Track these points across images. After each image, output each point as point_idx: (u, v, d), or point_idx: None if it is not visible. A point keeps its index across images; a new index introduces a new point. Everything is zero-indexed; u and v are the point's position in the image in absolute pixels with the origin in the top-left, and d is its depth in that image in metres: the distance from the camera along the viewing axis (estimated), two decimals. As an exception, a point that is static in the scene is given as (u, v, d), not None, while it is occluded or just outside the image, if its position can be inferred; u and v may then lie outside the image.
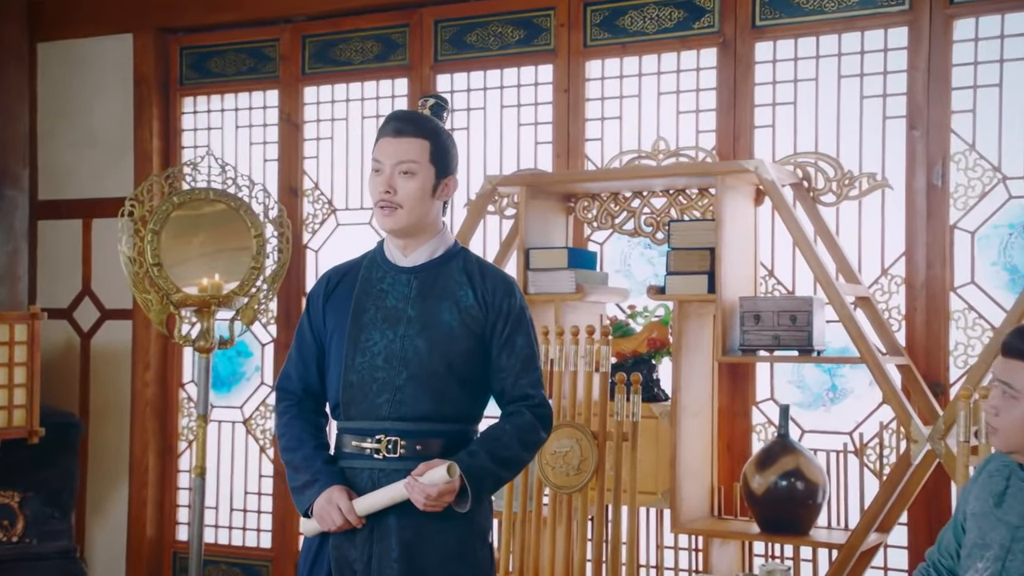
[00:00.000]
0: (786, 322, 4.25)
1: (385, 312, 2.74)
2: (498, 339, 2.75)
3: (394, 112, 2.80)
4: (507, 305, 2.76)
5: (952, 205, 4.39)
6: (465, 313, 2.74)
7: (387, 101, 5.49)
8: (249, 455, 5.81)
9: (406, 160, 2.70)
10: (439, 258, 2.78)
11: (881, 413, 4.48)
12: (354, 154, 5.56)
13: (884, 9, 4.50)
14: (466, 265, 2.79)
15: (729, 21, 4.77)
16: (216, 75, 5.87)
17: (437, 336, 2.71)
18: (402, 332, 2.72)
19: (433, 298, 2.74)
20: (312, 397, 2.86)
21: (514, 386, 2.76)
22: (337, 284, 2.83)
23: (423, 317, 2.72)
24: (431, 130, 2.74)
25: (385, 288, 2.76)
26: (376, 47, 5.51)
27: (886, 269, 4.50)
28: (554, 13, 5.11)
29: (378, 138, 2.76)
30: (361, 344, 2.73)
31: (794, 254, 4.64)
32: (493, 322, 2.75)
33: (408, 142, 2.71)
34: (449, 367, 2.72)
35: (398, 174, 2.71)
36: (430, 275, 2.76)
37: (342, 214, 5.59)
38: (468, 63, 5.29)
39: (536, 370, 2.78)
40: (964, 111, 4.38)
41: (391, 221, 2.73)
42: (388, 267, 2.79)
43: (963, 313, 4.37)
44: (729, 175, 4.34)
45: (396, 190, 2.70)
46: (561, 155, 5.07)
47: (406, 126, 2.72)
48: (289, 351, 2.91)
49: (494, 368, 2.77)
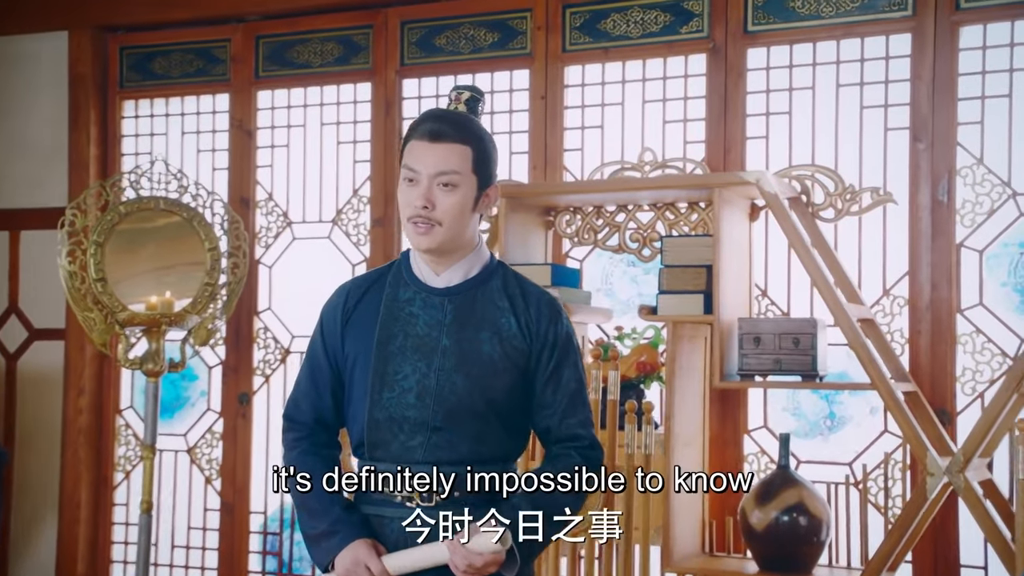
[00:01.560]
0: (788, 345, 3.97)
1: (416, 341, 2.39)
2: (543, 371, 2.42)
3: (430, 111, 2.42)
4: (553, 333, 2.43)
5: (959, 222, 4.15)
6: (507, 343, 2.40)
7: (348, 107, 5.14)
8: (193, 487, 5.38)
9: (447, 171, 2.34)
10: (476, 278, 2.44)
11: (883, 442, 4.22)
12: (312, 163, 5.19)
13: (886, 15, 4.26)
14: (506, 285, 2.44)
15: (719, 26, 4.50)
16: (160, 77, 5.46)
17: (477, 371, 2.37)
18: (437, 365, 2.37)
19: (471, 326, 2.40)
20: (325, 429, 2.50)
21: (561, 425, 2.43)
22: (357, 302, 2.45)
23: (461, 349, 2.38)
24: (474, 134, 2.39)
25: (415, 312, 2.41)
26: (337, 49, 5.15)
27: (888, 289, 4.24)
28: (531, 15, 4.80)
29: (409, 140, 2.39)
30: (389, 378, 2.38)
31: (789, 273, 4.37)
32: (538, 352, 2.42)
33: (448, 149, 2.35)
34: (490, 405, 2.38)
35: (437, 186, 2.34)
36: (467, 298, 2.42)
37: (298, 227, 5.21)
38: (437, 67, 4.96)
39: (585, 407, 2.45)
40: (971, 123, 4.15)
41: (427, 240, 2.36)
42: (418, 287, 2.43)
43: (971, 337, 4.13)
44: (727, 187, 4.05)
45: (435, 204, 2.34)
46: (538, 166, 4.75)
47: (446, 129, 2.35)
48: (298, 376, 2.54)
49: (538, 403, 2.44)
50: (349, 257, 5.09)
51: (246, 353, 5.23)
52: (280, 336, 5.21)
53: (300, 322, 5.17)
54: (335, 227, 5.13)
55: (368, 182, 5.06)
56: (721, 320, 4.01)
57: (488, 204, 2.44)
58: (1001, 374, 4.07)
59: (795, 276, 4.35)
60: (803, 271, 4.30)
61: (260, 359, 5.23)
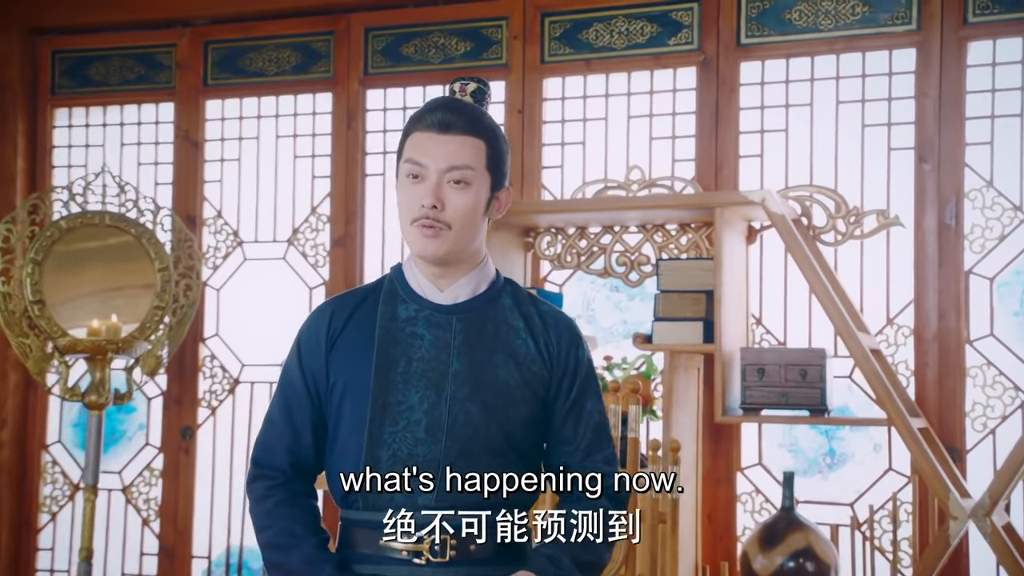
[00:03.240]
0: (795, 377, 3.70)
1: (423, 365, 2.04)
2: (563, 402, 2.09)
3: (437, 100, 2.08)
4: (574, 358, 2.10)
5: (967, 248, 3.93)
6: (525, 368, 2.06)
7: (306, 118, 4.77)
8: (129, 529, 4.93)
9: (460, 165, 2.02)
10: (484, 294, 2.10)
11: (888, 481, 3.97)
12: (266, 178, 4.82)
13: (888, 28, 4.03)
14: (518, 304, 2.11)
15: (710, 37, 4.24)
16: (97, 84, 5.04)
17: (494, 399, 2.03)
18: (449, 393, 2.03)
19: (483, 348, 2.06)
20: (303, 475, 2.12)
21: (584, 463, 2.09)
22: (345, 323, 2.10)
23: (474, 374, 2.04)
24: (488, 127, 2.06)
25: (419, 332, 2.06)
26: (294, 57, 4.79)
27: (892, 318, 4.00)
28: (507, 24, 4.50)
29: (411, 132, 2.06)
30: (392, 409, 2.02)
31: (786, 300, 4.11)
32: (558, 380, 2.09)
33: (460, 141, 2.02)
34: (508, 439, 2.04)
35: (448, 184, 2.02)
36: (476, 316, 2.08)
37: (250, 247, 4.82)
38: (405, 77, 4.63)
39: (610, 442, 2.12)
40: (980, 143, 3.94)
41: (435, 245, 2.03)
42: (420, 303, 2.09)
43: (981, 369, 3.90)
44: (727, 208, 3.78)
45: (444, 205, 2.02)
46: (514, 184, 4.43)
47: (457, 119, 2.02)
48: (269, 413, 2.15)
49: (556, 438, 2.10)
50: (306, 280, 4.72)
51: (190, 383, 4.82)
52: (228, 365, 4.81)
53: (251, 350, 4.78)
54: (291, 247, 4.75)
55: (328, 199, 4.70)
56: (722, 350, 3.72)
57: (499, 210, 2.12)
58: (1014, 409, 3.85)
59: (793, 305, 4.09)
60: (800, 298, 4.08)
61: (206, 390, 4.83)
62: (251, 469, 2.12)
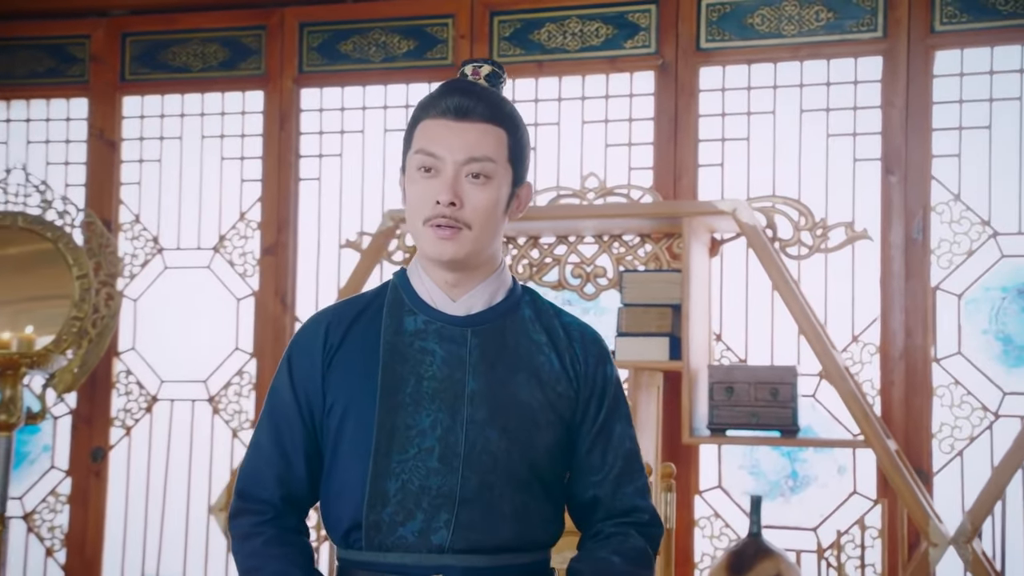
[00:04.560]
0: (765, 396, 3.53)
1: (435, 385, 1.78)
2: (589, 426, 1.85)
3: (451, 83, 1.82)
4: (602, 377, 1.86)
5: (935, 263, 3.80)
6: (549, 389, 1.82)
7: (235, 118, 4.47)
8: (30, 560, 4.54)
9: (480, 157, 1.77)
10: (501, 304, 1.85)
11: (853, 505, 3.81)
12: (190, 181, 4.49)
13: (854, 35, 3.90)
14: (540, 315, 1.87)
15: (669, 41, 4.06)
16: (2, 76, 4.66)
17: (516, 423, 1.78)
18: (465, 416, 1.77)
19: (503, 365, 1.80)
20: (294, 509, 1.85)
21: (615, 496, 1.85)
22: (343, 337, 1.83)
23: (492, 394, 1.78)
24: (509, 114, 1.82)
25: (430, 347, 1.80)
26: (222, 52, 4.48)
27: (857, 335, 3.85)
28: (453, 22, 4.26)
29: (421, 118, 1.80)
30: (400, 434, 1.76)
31: (747, 316, 3.94)
32: (585, 401, 1.85)
33: (480, 130, 1.77)
34: (532, 469, 1.79)
35: (467, 177, 1.77)
36: (494, 330, 1.82)
37: (171, 255, 4.49)
38: (343, 76, 4.35)
39: (641, 472, 1.88)
40: (948, 155, 3.82)
41: (453, 248, 1.77)
42: (430, 315, 1.82)
43: (948, 388, 3.77)
44: (696, 217, 3.59)
45: (463, 201, 1.77)
46: (460, 191, 4.18)
47: (476, 105, 1.77)
48: (255, 438, 1.87)
49: (582, 467, 1.86)
50: (233, 290, 4.40)
51: (103, 401, 4.45)
52: (146, 381, 4.46)
53: (171, 365, 4.45)
54: (217, 255, 4.43)
55: (258, 204, 4.39)
56: (689, 367, 3.53)
57: (519, 208, 1.87)
58: (982, 430, 3.73)
59: (754, 320, 3.92)
60: (762, 314, 3.92)
61: (120, 408, 4.47)
62: (235, 503, 1.84)
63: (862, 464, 3.81)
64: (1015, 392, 3.73)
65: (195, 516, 4.39)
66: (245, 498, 1.83)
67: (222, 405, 4.37)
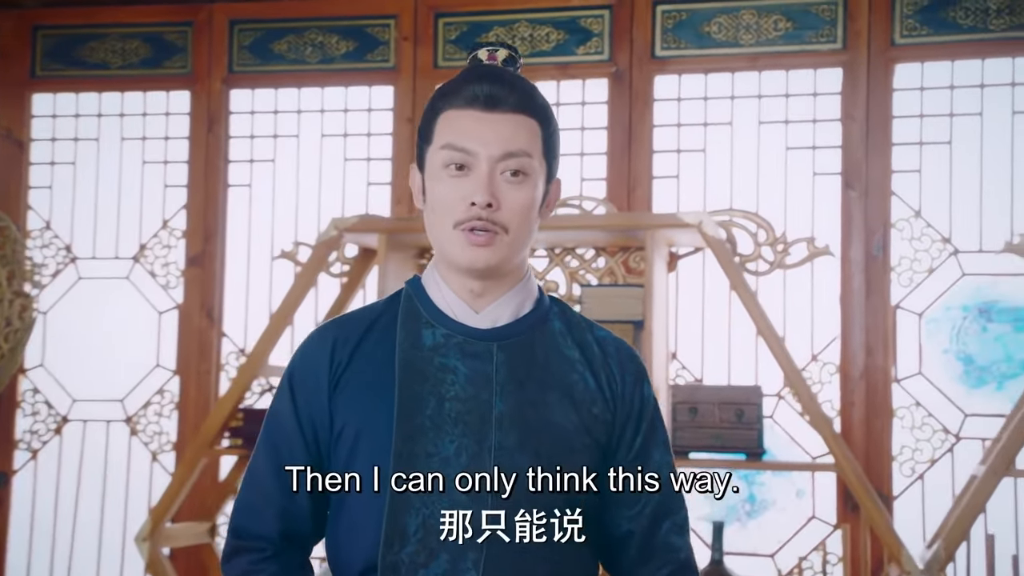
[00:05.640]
0: (730, 418, 3.38)
1: (459, 406, 1.56)
2: (625, 453, 1.65)
3: (478, 69, 1.62)
4: (640, 398, 1.67)
5: (895, 281, 3.71)
6: (584, 410, 1.61)
7: (158, 119, 4.19)
8: (-77, 596, 4.17)
9: (517, 152, 1.57)
10: (529, 316, 1.64)
11: (812, 530, 3.69)
12: (107, 186, 4.19)
13: (813, 46, 3.80)
14: (571, 328, 1.66)
15: (623, 48, 3.91)
16: (-102, 70, 4.31)
17: (549, 449, 1.57)
18: (493, 443, 1.55)
19: (533, 384, 1.60)
20: (297, 546, 1.61)
21: (651, 533, 1.65)
22: (353, 353, 1.61)
23: (523, 417, 1.57)
24: (542, 104, 1.62)
25: (452, 364, 1.58)
26: (144, 49, 4.20)
27: (816, 355, 3.73)
28: (395, 23, 4.05)
29: (443, 108, 1.60)
30: (421, 462, 1.54)
31: (703, 334, 3.80)
32: (622, 424, 1.65)
33: (514, 122, 1.57)
34: (567, 500, 1.59)
35: (503, 175, 1.57)
36: (522, 344, 1.62)
37: (86, 264, 4.18)
38: (276, 77, 4.11)
39: (681, 505, 1.68)
40: (908, 171, 3.74)
41: (487, 255, 1.57)
42: (451, 328, 1.61)
43: (909, 410, 3.67)
44: (659, 230, 3.44)
45: (500, 202, 1.57)
46: (402, 200, 3.98)
47: (508, 94, 1.58)
48: (251, 468, 1.64)
49: (615, 499, 1.64)
50: (155, 303, 4.11)
51: (6, 422, 4.12)
52: (56, 400, 4.14)
53: (84, 383, 4.15)
54: (137, 265, 4.13)
55: (183, 211, 4.11)
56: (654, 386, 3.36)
57: (549, 207, 1.68)
58: (943, 452, 3.64)
59: (711, 338, 3.78)
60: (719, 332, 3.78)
61: (26, 429, 4.14)
62: (230, 541, 1.60)
63: (821, 488, 3.70)
64: (976, 414, 3.65)
65: (109, 547, 4.08)
66: (242, 536, 1.59)
67: (140, 426, 4.07)
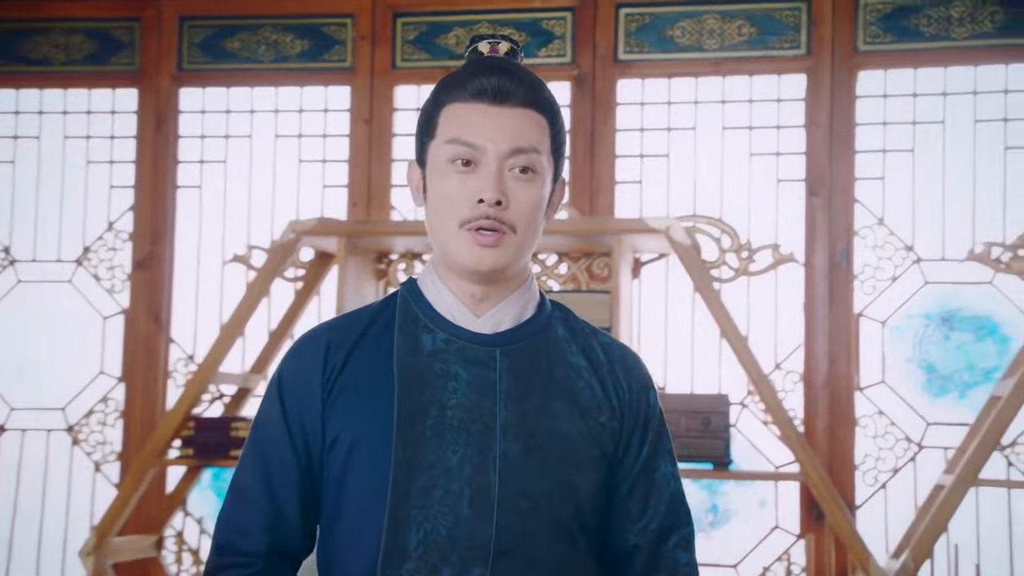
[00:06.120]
0: (697, 426, 3.32)
1: (461, 415, 1.47)
2: (631, 464, 1.57)
3: (483, 60, 1.53)
4: (646, 406, 1.59)
5: (858, 288, 3.69)
6: (591, 419, 1.53)
7: (104, 118, 4.05)
8: None
9: (526, 147, 1.49)
10: (531, 321, 1.56)
11: (775, 540, 3.65)
12: (49, 186, 4.04)
13: (777, 52, 3.77)
14: (575, 334, 1.58)
15: (585, 51, 3.85)
16: None
17: (555, 460, 1.49)
18: (497, 453, 1.47)
19: (537, 392, 1.51)
20: (286, 562, 1.51)
21: (658, 548, 1.57)
22: (347, 358, 1.52)
23: (528, 426, 1.49)
24: (550, 100, 1.54)
25: (453, 370, 1.50)
26: (89, 44, 4.06)
27: (779, 363, 3.70)
28: (352, 22, 3.95)
29: (447, 101, 1.51)
30: (423, 474, 1.45)
31: (667, 342, 3.74)
32: (628, 435, 1.57)
33: (523, 116, 1.49)
34: (576, 514, 1.50)
35: (512, 172, 1.49)
36: (525, 350, 1.53)
37: (26, 267, 4.04)
38: (228, 76, 3.99)
39: (688, 519, 1.60)
40: (872, 178, 3.72)
41: (495, 256, 1.48)
42: (450, 331, 1.52)
43: (872, 419, 3.65)
44: (625, 235, 3.38)
45: (508, 200, 1.49)
46: (359, 203, 3.88)
47: (517, 87, 1.49)
48: (236, 481, 1.54)
49: (620, 512, 1.57)
50: (99, 307, 3.97)
51: (-60, 432, 3.95)
52: (-8, 409, 3.98)
53: (23, 391, 4.00)
54: (80, 268, 3.99)
55: (130, 213, 3.98)
56: (620, 395, 3.30)
57: (554, 211, 1.60)
58: (906, 462, 3.62)
59: (672, 346, 3.73)
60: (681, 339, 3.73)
61: (-39, 440, 3.97)
62: (212, 558, 1.50)
63: (784, 497, 3.66)
64: (938, 422, 3.63)
65: (48, 562, 3.92)
66: (227, 552, 1.49)
67: (83, 435, 3.92)
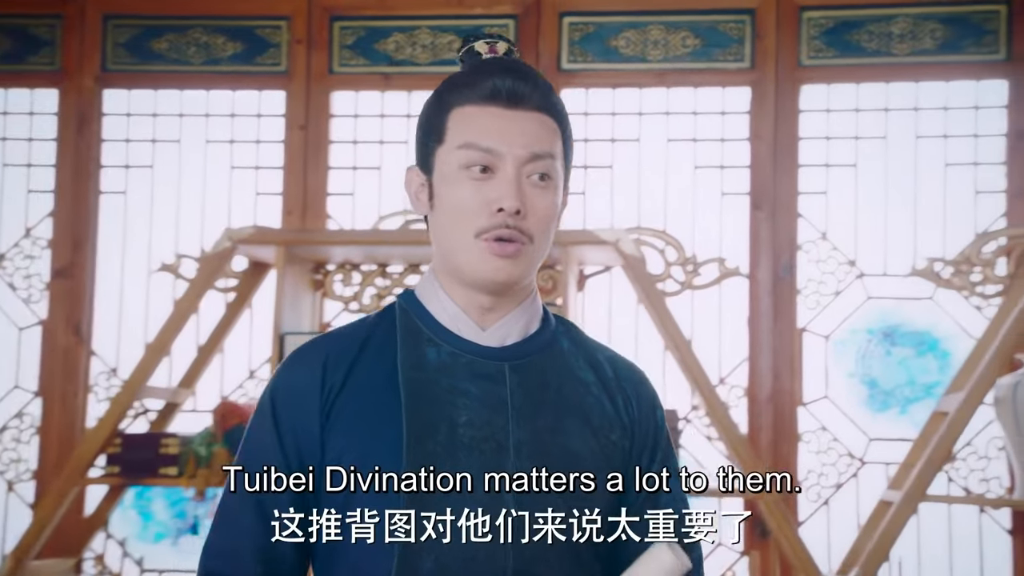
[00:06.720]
0: (646, 442, 3.24)
1: (472, 433, 1.37)
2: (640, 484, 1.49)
3: (492, 61, 1.44)
4: (654, 423, 1.50)
5: (802, 303, 3.67)
6: (603, 436, 1.44)
7: (21, 119, 3.87)
8: None
9: (543, 153, 1.39)
10: (538, 335, 1.46)
11: (719, 557, 3.60)
12: (-38, 190, 3.83)
13: (722, 64, 3.74)
14: (581, 348, 1.49)
15: (528, 59, 3.68)
16: None
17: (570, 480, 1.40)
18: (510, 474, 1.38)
19: (548, 409, 1.42)
20: None
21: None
22: (347, 374, 1.40)
23: (540, 444, 1.40)
24: (559, 104, 1.45)
25: (462, 386, 1.39)
26: (6, 42, 3.87)
27: (724, 378, 3.66)
28: (288, 25, 3.83)
29: (456, 104, 1.41)
30: (433, 496, 1.35)
31: (610, 356, 3.67)
32: (637, 454, 1.48)
33: (538, 121, 1.40)
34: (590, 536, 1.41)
35: (530, 179, 1.39)
36: (533, 365, 1.44)
37: (-62, 276, 3.81)
38: (155, 78, 3.84)
39: (698, 544, 1.51)
40: (815, 192, 3.71)
41: (511, 267, 1.38)
42: (457, 345, 1.42)
43: (815, 434, 3.63)
44: (573, 247, 3.31)
45: (527, 209, 1.39)
46: (293, 211, 3.75)
47: (531, 91, 1.40)
48: (224, 505, 1.42)
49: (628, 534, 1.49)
50: (15, 318, 3.78)
51: None
52: (-102, 426, 3.74)
53: (-69, 409, 3.75)
54: (-5, 277, 3.79)
55: (49, 219, 3.79)
56: (568, 410, 3.22)
57: (559, 221, 1.52)
58: (848, 477, 3.61)
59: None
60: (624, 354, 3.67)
61: None
62: None
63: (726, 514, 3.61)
64: (880, 438, 3.63)
65: (-44, 587, 3.69)
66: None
67: (-4, 454, 3.72)
